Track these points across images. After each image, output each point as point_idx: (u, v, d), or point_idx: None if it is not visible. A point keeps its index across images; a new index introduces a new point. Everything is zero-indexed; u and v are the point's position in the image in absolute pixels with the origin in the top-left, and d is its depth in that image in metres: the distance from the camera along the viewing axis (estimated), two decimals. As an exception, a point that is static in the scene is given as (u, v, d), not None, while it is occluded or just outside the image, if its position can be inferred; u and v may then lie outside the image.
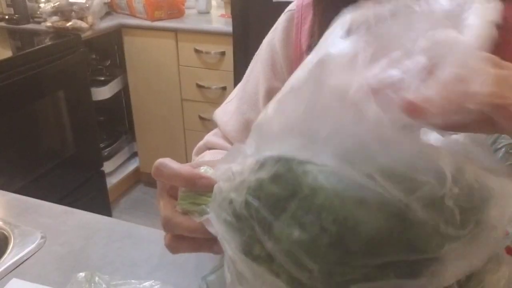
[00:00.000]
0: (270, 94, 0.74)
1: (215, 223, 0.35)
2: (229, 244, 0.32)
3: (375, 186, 0.26)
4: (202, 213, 0.39)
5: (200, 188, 0.40)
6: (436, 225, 0.26)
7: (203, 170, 0.42)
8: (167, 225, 0.42)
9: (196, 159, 0.79)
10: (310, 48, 0.69)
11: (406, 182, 0.26)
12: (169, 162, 0.42)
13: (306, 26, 0.71)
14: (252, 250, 0.30)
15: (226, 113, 0.79)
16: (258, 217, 0.29)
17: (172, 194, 0.44)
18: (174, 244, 0.42)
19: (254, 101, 0.76)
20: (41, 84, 1.95)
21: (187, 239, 0.41)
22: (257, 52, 0.79)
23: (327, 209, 0.26)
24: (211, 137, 0.81)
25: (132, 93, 2.55)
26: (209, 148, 0.80)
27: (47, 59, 1.94)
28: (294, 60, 0.72)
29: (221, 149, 0.77)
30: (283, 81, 0.74)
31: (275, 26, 0.76)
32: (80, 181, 2.23)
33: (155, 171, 0.42)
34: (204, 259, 0.75)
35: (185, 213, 0.41)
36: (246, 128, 0.76)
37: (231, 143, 0.78)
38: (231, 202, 0.32)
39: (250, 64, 0.80)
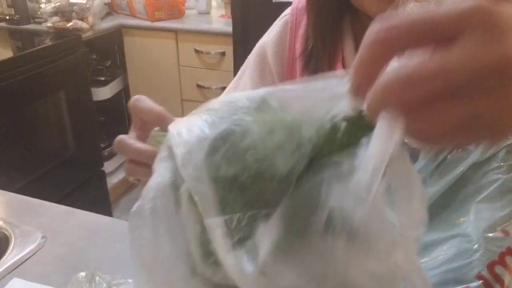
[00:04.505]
0: None
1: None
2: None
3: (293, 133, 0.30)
4: None
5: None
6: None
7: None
8: (118, 145, 0.45)
9: None
10: (304, 52, 0.69)
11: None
12: (145, 98, 0.45)
13: (301, 32, 0.70)
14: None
15: None
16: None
17: (141, 135, 0.46)
18: (130, 166, 0.45)
19: None
20: (41, 84, 1.95)
21: (141, 165, 0.44)
22: (249, 56, 0.78)
23: (251, 150, 0.30)
24: None
25: (132, 93, 2.55)
26: None
27: (48, 60, 1.94)
28: (286, 65, 0.72)
29: None
30: (270, 83, 0.74)
31: (269, 30, 0.76)
32: (80, 181, 2.23)
33: (132, 104, 0.45)
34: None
35: None
36: None
37: None
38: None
39: (242, 67, 0.79)
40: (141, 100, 0.45)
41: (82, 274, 0.70)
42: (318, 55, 0.67)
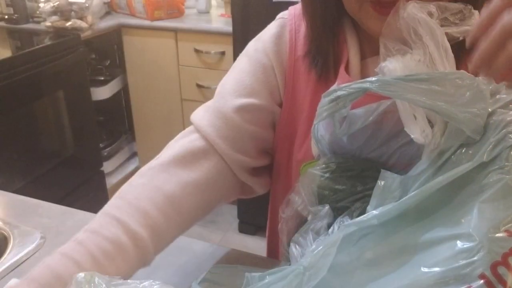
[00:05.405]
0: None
1: None
2: None
3: None
4: None
5: None
6: None
7: None
8: None
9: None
10: (309, 53, 0.68)
11: None
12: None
13: (301, 34, 0.70)
14: None
15: (202, 108, 0.74)
16: None
17: None
18: None
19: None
20: (40, 84, 1.95)
21: None
22: (244, 52, 0.75)
23: None
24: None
25: (132, 93, 2.55)
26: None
27: (47, 59, 1.93)
28: (287, 66, 0.71)
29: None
30: (274, 82, 0.72)
31: (265, 30, 0.74)
32: (80, 181, 2.22)
33: None
34: (204, 261, 0.75)
35: None
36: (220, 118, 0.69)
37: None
38: None
39: (234, 63, 0.75)
40: None
41: (81, 275, 0.70)
42: (321, 58, 0.66)
